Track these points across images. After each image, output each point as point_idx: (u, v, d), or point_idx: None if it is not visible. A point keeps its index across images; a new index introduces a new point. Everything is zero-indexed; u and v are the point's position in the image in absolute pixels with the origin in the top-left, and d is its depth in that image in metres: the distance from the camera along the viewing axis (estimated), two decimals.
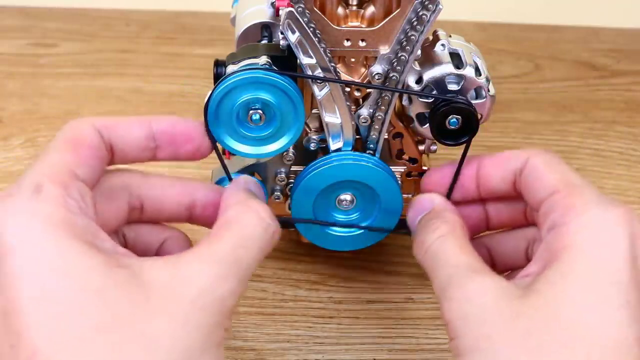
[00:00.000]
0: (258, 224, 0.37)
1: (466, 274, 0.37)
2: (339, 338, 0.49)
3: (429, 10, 0.43)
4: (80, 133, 0.37)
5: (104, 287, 0.32)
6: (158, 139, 0.40)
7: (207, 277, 0.34)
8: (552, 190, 0.39)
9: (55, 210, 0.33)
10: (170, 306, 0.33)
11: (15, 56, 0.76)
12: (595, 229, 0.37)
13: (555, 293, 0.35)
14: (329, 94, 0.45)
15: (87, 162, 0.37)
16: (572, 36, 0.83)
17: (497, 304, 0.35)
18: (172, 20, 0.83)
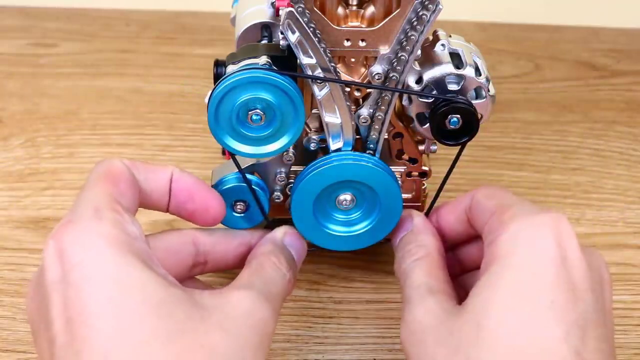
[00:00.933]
0: (277, 270, 0.42)
1: (421, 295, 0.40)
2: (339, 338, 0.49)
3: (429, 10, 0.43)
4: (114, 168, 0.39)
5: (164, 301, 0.34)
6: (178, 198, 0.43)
7: (251, 302, 0.37)
8: (489, 215, 0.41)
9: (116, 232, 0.36)
10: (224, 323, 0.35)
11: (15, 56, 0.76)
12: (520, 236, 0.37)
13: (482, 303, 0.36)
14: (329, 94, 0.45)
15: (127, 194, 0.39)
16: (572, 36, 0.83)
17: (435, 323, 0.37)
18: (172, 20, 0.83)
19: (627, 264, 0.55)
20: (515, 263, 0.37)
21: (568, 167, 0.64)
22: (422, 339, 0.37)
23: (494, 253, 0.38)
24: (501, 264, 0.37)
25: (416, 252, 0.43)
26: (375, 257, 0.54)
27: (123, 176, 0.39)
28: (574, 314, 0.35)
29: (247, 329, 0.36)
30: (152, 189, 0.41)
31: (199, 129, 0.67)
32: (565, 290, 0.35)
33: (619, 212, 0.60)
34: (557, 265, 0.36)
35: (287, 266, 0.43)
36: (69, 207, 0.58)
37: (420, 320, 0.38)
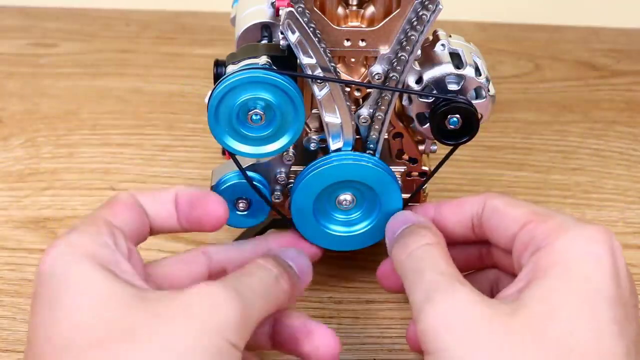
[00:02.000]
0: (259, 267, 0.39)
1: (453, 282, 0.37)
2: (339, 338, 0.49)
3: (429, 10, 0.43)
4: (119, 197, 0.41)
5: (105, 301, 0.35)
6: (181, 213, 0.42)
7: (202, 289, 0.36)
8: (523, 222, 0.40)
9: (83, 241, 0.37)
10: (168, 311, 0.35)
11: (15, 56, 0.76)
12: (578, 246, 0.37)
13: (544, 308, 0.35)
14: (329, 94, 0.45)
15: (122, 214, 0.40)
16: (572, 36, 0.83)
17: (485, 318, 0.35)
18: (172, 20, 0.83)
19: (627, 264, 0.55)
20: (576, 274, 0.36)
21: (568, 167, 0.64)
22: (471, 330, 0.35)
23: (550, 258, 0.37)
24: (561, 272, 0.36)
25: (427, 236, 0.41)
26: (375, 257, 0.54)
27: (122, 201, 0.41)
28: (631, 331, 0.36)
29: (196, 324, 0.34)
30: (158, 211, 0.42)
31: (199, 129, 0.67)
32: (622, 306, 0.36)
33: (619, 212, 0.60)
34: (614, 281, 0.36)
35: (273, 263, 0.40)
36: (68, 207, 0.58)
37: (467, 310, 0.36)
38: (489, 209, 0.42)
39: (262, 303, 0.38)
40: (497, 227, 0.42)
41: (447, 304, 0.36)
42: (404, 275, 0.40)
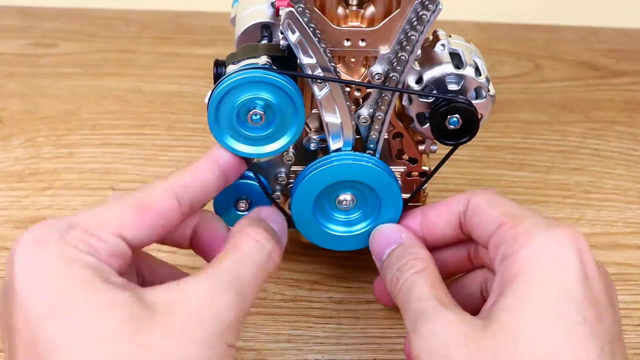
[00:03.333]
0: (253, 245, 0.39)
1: (435, 308, 0.38)
2: (339, 338, 0.49)
3: (429, 10, 0.43)
4: (156, 197, 0.39)
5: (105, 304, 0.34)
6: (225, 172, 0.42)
7: (204, 293, 0.36)
8: (497, 224, 0.40)
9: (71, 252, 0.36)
10: (168, 320, 0.34)
11: (15, 56, 0.76)
12: (543, 251, 0.37)
13: (513, 318, 0.36)
14: (329, 94, 0.45)
15: (145, 227, 0.38)
16: (572, 36, 0.83)
17: (461, 337, 0.36)
18: (172, 20, 0.83)
19: (627, 264, 0.55)
20: (541, 279, 0.37)
21: (568, 167, 0.64)
22: (447, 354, 0.36)
23: (515, 268, 0.37)
24: (527, 279, 0.37)
25: (414, 264, 0.42)
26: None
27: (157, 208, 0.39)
28: (603, 330, 0.36)
29: (195, 325, 0.35)
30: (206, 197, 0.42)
31: (199, 129, 0.67)
32: (593, 306, 0.36)
33: (619, 212, 0.60)
34: (582, 282, 0.36)
35: (266, 236, 0.40)
36: (69, 207, 0.58)
37: (443, 333, 0.37)
38: (471, 206, 0.42)
39: (257, 289, 0.38)
40: (477, 226, 0.42)
41: (428, 331, 0.37)
42: (398, 305, 0.41)
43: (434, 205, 0.45)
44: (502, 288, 0.38)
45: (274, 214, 0.43)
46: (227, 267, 0.38)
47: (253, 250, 0.39)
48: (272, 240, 0.40)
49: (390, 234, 0.45)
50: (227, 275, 0.37)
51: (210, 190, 0.42)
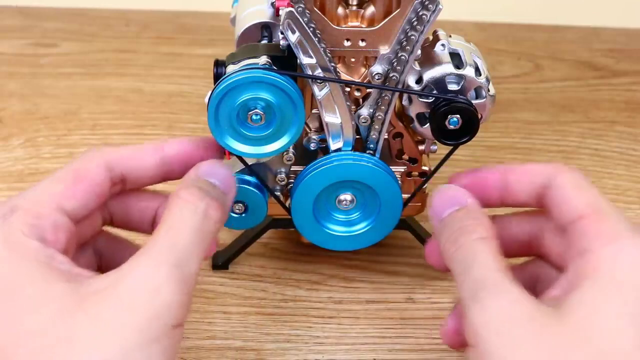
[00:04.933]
0: (185, 208, 0.37)
1: (501, 282, 0.36)
2: (339, 338, 0.49)
3: (429, 10, 0.43)
4: (86, 167, 0.39)
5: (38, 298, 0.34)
6: (170, 163, 0.42)
7: (137, 272, 0.35)
8: (580, 214, 0.38)
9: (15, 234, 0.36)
10: (98, 309, 0.34)
11: (15, 56, 0.76)
12: (627, 255, 0.36)
13: (589, 314, 0.35)
14: (329, 94, 0.45)
15: (80, 197, 0.39)
16: (572, 36, 0.83)
17: (530, 320, 0.35)
18: (172, 20, 0.83)
19: None
20: (623, 282, 0.36)
21: None
22: (513, 334, 0.34)
23: (595, 264, 0.36)
24: (608, 279, 0.36)
25: (477, 229, 0.39)
26: (375, 257, 0.54)
27: (89, 176, 0.39)
28: None
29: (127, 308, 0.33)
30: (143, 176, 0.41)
31: (199, 129, 0.67)
32: None
33: None
34: None
35: (198, 195, 0.38)
36: None
37: (510, 311, 0.35)
38: (557, 184, 0.40)
39: (199, 254, 0.36)
40: (557, 209, 0.40)
41: (494, 305, 0.35)
42: (452, 267, 0.39)
43: (516, 169, 0.42)
44: (578, 281, 0.36)
45: (213, 167, 0.40)
46: (161, 239, 0.36)
47: (186, 214, 0.37)
48: (206, 197, 0.38)
49: (457, 194, 0.41)
50: (161, 248, 0.35)
51: (147, 172, 0.41)
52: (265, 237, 0.53)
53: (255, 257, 0.54)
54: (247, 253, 0.53)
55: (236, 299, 0.51)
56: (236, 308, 0.51)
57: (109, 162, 0.40)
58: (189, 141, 0.43)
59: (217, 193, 0.39)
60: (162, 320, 0.34)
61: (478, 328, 0.35)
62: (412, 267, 0.54)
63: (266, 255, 0.54)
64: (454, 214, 0.40)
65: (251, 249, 0.53)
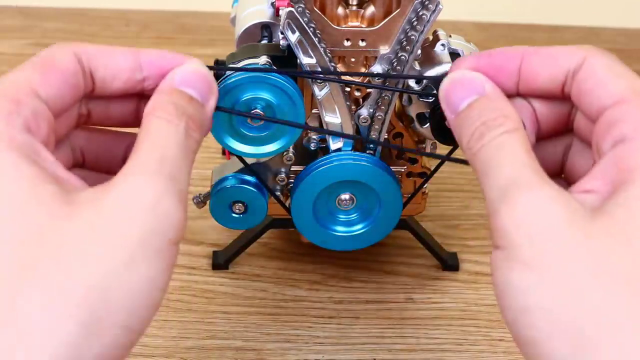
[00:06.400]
0: (165, 126, 0.34)
1: (535, 178, 0.32)
2: (339, 338, 0.49)
3: (429, 10, 0.43)
4: (55, 56, 0.36)
5: (28, 200, 0.30)
6: (146, 69, 0.37)
7: (131, 184, 0.31)
8: (618, 99, 0.34)
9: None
10: (93, 218, 0.30)
11: (15, 56, 0.76)
12: None
13: (629, 217, 0.31)
14: (329, 94, 0.45)
15: (55, 84, 0.35)
16: (571, 36, 0.83)
17: (568, 219, 0.31)
18: (172, 20, 0.83)
19: None
20: None
21: None
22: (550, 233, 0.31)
23: (636, 159, 0.32)
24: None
25: (504, 122, 0.34)
26: (375, 257, 0.54)
27: (59, 65, 0.35)
28: None
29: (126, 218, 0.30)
30: (114, 76, 0.37)
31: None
32: None
33: None
34: None
35: (176, 113, 0.34)
36: None
37: (547, 210, 0.31)
38: (587, 68, 0.36)
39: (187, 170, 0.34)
40: (589, 93, 0.35)
41: (527, 202, 0.31)
42: (476, 167, 0.34)
43: (538, 50, 0.38)
44: (620, 178, 0.32)
45: (189, 74, 0.36)
46: (147, 152, 0.33)
47: (168, 130, 0.34)
48: (184, 115, 0.35)
49: (472, 82, 0.37)
50: (150, 160, 0.32)
51: (119, 72, 0.37)
52: (265, 237, 0.53)
53: (255, 257, 0.54)
54: (247, 253, 0.53)
55: (236, 299, 0.51)
56: (236, 308, 0.51)
57: (77, 53, 0.36)
58: (169, 52, 0.38)
59: (194, 108, 0.36)
60: (163, 233, 0.31)
61: (508, 228, 0.31)
62: (412, 267, 0.54)
63: (266, 255, 0.54)
64: (473, 105, 0.36)
65: (251, 249, 0.53)
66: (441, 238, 0.55)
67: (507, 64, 0.38)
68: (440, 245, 0.54)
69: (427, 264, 0.54)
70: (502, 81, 0.38)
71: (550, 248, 0.31)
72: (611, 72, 0.35)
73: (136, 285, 0.30)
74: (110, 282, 0.30)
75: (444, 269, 0.54)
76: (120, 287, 0.30)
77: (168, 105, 0.35)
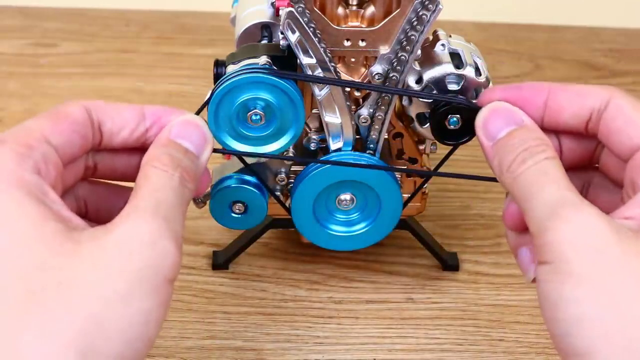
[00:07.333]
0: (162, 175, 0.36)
1: (580, 199, 0.34)
2: (339, 338, 0.49)
3: (429, 10, 0.43)
4: (66, 109, 0.37)
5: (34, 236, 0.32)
6: (149, 120, 0.39)
7: (131, 224, 0.33)
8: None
9: (7, 163, 0.34)
10: (95, 255, 0.32)
11: (15, 56, 0.76)
12: None
13: None
14: (329, 94, 0.45)
15: (65, 133, 0.36)
16: (572, 36, 0.83)
17: (617, 239, 0.33)
18: (172, 20, 0.83)
19: None
20: None
21: None
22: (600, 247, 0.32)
23: None
24: None
25: (545, 149, 0.36)
26: (375, 257, 0.54)
27: (70, 116, 0.37)
28: None
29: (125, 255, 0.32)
30: (120, 128, 0.38)
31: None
32: None
33: None
34: None
35: (172, 164, 0.36)
36: None
37: (597, 226, 0.33)
38: (613, 107, 0.37)
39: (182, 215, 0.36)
40: (618, 132, 0.37)
41: (576, 220, 0.33)
42: (517, 192, 0.36)
43: (565, 87, 0.39)
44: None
45: (186, 127, 0.39)
46: (145, 196, 0.35)
47: (163, 180, 0.36)
48: (179, 167, 0.36)
49: (511, 113, 0.38)
50: (148, 204, 0.34)
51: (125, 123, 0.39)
52: (265, 237, 0.53)
53: (255, 257, 0.54)
54: (247, 253, 0.53)
55: (236, 299, 0.51)
56: (236, 308, 0.51)
57: (87, 107, 0.38)
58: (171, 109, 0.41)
59: (189, 159, 0.37)
60: (160, 270, 0.33)
61: (558, 243, 0.33)
62: (412, 267, 0.54)
63: (266, 255, 0.54)
64: (513, 133, 0.37)
65: (251, 249, 0.53)
66: (441, 238, 0.55)
67: (534, 97, 0.39)
68: (440, 245, 0.54)
69: (427, 264, 0.54)
70: (530, 114, 0.39)
71: (601, 262, 0.32)
72: (638, 111, 0.37)
73: (133, 317, 0.32)
74: (109, 313, 0.31)
75: (444, 269, 0.54)
76: (118, 319, 0.31)
77: (164, 156, 0.37)
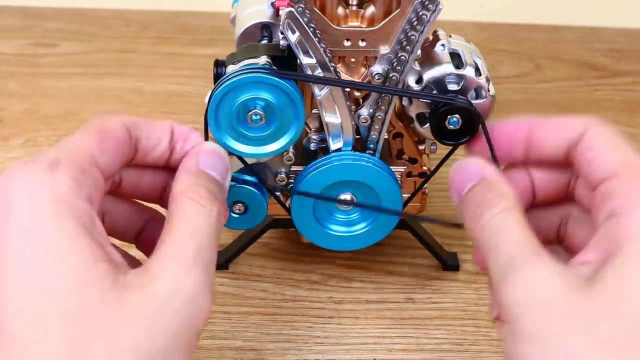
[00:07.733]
0: (202, 212, 0.36)
1: (530, 256, 0.35)
2: (339, 338, 0.49)
3: (429, 10, 0.43)
4: (109, 125, 0.37)
5: (84, 279, 0.32)
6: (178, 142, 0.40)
7: (173, 277, 0.34)
8: (612, 172, 0.36)
9: (64, 190, 0.33)
10: (138, 309, 0.33)
11: (15, 56, 0.76)
12: None
13: (621, 287, 0.33)
14: (329, 94, 0.45)
15: (109, 152, 0.36)
16: (572, 36, 0.83)
17: (564, 293, 0.33)
18: (172, 20, 0.83)
19: None
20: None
21: None
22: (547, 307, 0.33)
23: (626, 231, 0.34)
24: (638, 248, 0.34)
25: (499, 202, 0.37)
26: (375, 257, 0.54)
27: (113, 133, 0.37)
28: None
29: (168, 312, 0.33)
30: (154, 145, 0.39)
31: (200, 129, 0.67)
32: None
33: None
34: None
35: (209, 199, 0.37)
36: None
37: (543, 285, 0.34)
38: (588, 139, 0.38)
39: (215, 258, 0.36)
40: (588, 165, 0.38)
41: (524, 280, 0.34)
42: (480, 245, 0.37)
43: (545, 122, 0.40)
44: (610, 250, 0.34)
45: (212, 159, 0.39)
46: (185, 239, 0.35)
47: (203, 218, 0.36)
48: (217, 200, 0.37)
49: (471, 168, 0.39)
50: (190, 251, 0.35)
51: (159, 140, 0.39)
52: (265, 237, 0.53)
53: (255, 257, 0.54)
54: (247, 253, 0.53)
55: (236, 299, 0.51)
56: (236, 308, 0.51)
57: (126, 123, 0.38)
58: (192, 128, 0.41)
59: (222, 193, 0.38)
60: (195, 326, 0.34)
61: (510, 306, 0.34)
62: (412, 267, 0.54)
63: (266, 255, 0.54)
64: (473, 190, 0.38)
65: (251, 249, 0.53)
66: (441, 238, 0.55)
67: (517, 134, 0.41)
68: (440, 245, 0.54)
69: (427, 264, 0.54)
70: (513, 150, 0.41)
71: (549, 321, 0.33)
72: (608, 144, 0.38)
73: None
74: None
75: (444, 269, 0.54)
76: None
77: (200, 188, 0.37)
